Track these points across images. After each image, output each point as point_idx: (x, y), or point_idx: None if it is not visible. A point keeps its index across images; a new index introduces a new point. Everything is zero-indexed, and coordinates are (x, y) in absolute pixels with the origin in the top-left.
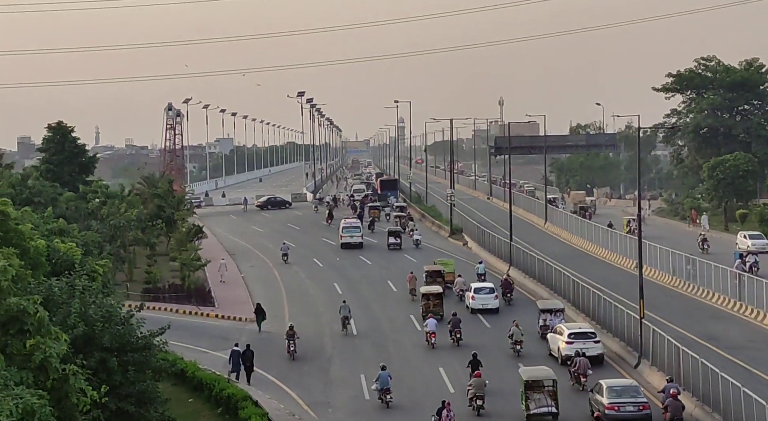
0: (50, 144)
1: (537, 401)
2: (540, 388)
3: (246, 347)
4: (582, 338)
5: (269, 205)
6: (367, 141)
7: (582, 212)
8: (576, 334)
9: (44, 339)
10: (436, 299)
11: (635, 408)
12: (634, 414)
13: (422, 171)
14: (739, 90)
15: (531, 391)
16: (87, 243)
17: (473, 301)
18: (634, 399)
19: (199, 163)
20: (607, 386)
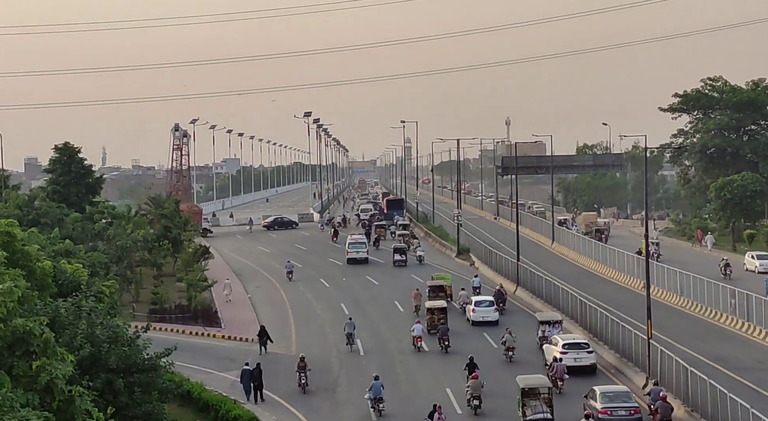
0: (57, 165)
1: (533, 408)
2: (536, 395)
3: (255, 366)
4: (576, 348)
5: (276, 225)
6: (374, 161)
7: (598, 234)
8: (570, 344)
9: (50, 360)
10: (440, 313)
11: (627, 412)
12: (626, 418)
13: (429, 191)
14: (746, 110)
15: (527, 398)
16: (93, 264)
17: (474, 313)
18: (625, 404)
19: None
20: (600, 392)
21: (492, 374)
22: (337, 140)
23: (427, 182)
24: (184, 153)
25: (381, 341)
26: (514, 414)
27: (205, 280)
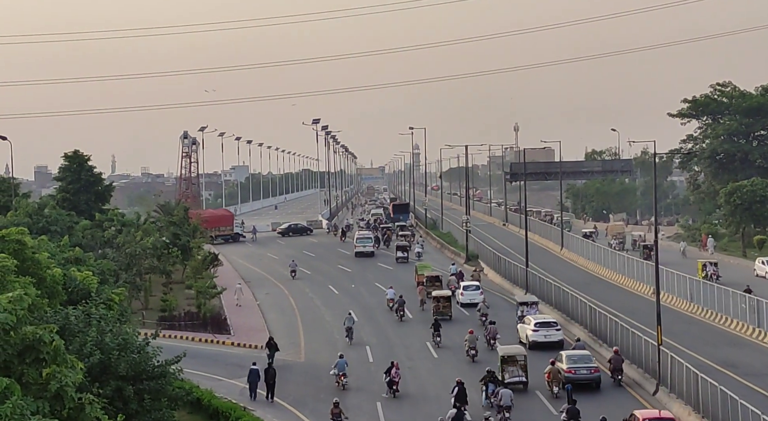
0: (67, 173)
1: (511, 372)
2: (514, 362)
3: (267, 365)
4: (546, 326)
5: (291, 232)
6: (382, 168)
7: (646, 251)
8: (541, 323)
9: (60, 368)
10: (446, 301)
11: (588, 371)
12: (587, 376)
13: (438, 198)
14: (756, 115)
15: (506, 364)
16: (103, 271)
17: (462, 297)
18: (587, 365)
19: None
20: (566, 356)
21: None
22: (346, 147)
23: (436, 189)
24: (193, 160)
25: (389, 347)
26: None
27: (215, 287)
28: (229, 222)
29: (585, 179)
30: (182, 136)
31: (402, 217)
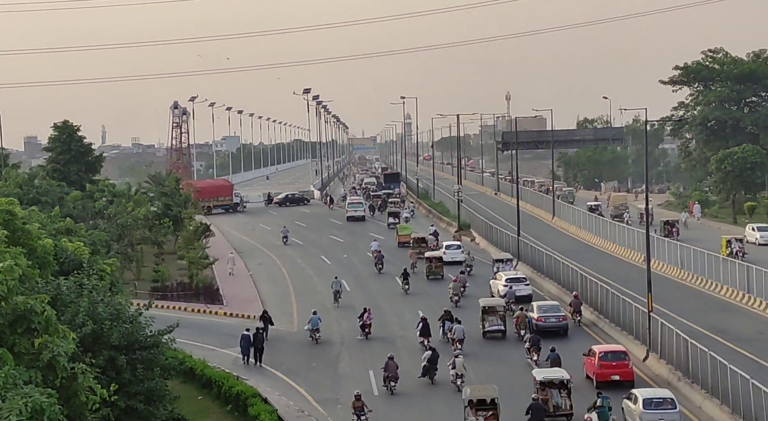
0: (56, 143)
1: (491, 322)
2: (494, 312)
3: (256, 330)
4: (516, 281)
5: (288, 201)
6: (374, 138)
7: (668, 228)
8: (511, 279)
9: (52, 338)
10: (438, 262)
11: (556, 319)
12: (555, 323)
13: (430, 167)
14: (747, 82)
15: (486, 315)
16: (94, 242)
17: (445, 255)
18: (555, 313)
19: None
20: (537, 306)
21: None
22: (337, 117)
23: (429, 158)
24: (184, 131)
25: (381, 316)
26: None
27: (207, 257)
28: (228, 192)
29: (577, 148)
30: (172, 106)
31: (393, 186)
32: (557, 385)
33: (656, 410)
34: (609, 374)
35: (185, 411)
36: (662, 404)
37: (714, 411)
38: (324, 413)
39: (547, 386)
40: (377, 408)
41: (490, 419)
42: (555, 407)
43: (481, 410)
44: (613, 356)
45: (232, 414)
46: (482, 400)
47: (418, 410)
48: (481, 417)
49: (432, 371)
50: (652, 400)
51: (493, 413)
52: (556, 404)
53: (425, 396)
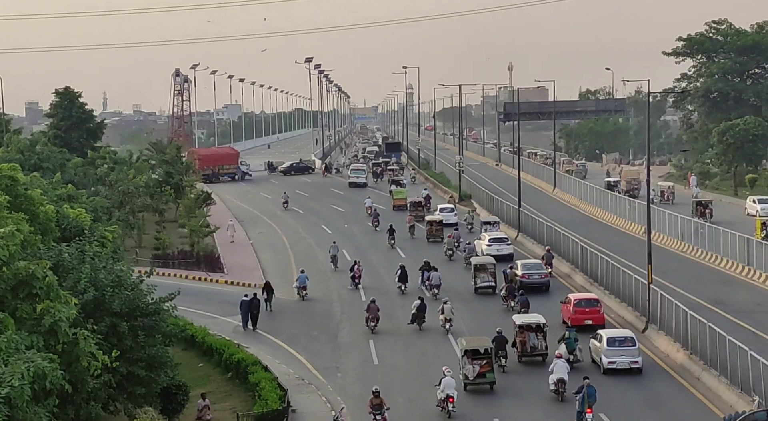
0: (58, 110)
1: (482, 278)
2: (485, 270)
3: (253, 295)
4: (498, 241)
5: (293, 170)
6: (376, 108)
7: (701, 209)
8: (494, 239)
9: (54, 303)
10: (438, 225)
11: (539, 276)
12: (538, 280)
13: (432, 138)
14: (750, 54)
15: (478, 272)
16: (96, 209)
17: (434, 216)
18: (538, 271)
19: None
20: (521, 263)
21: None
22: (339, 86)
23: (431, 129)
24: (185, 98)
25: (383, 285)
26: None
27: (208, 225)
28: (234, 160)
29: (578, 119)
30: (174, 73)
31: (394, 155)
32: (534, 328)
33: (618, 347)
34: (582, 318)
35: (186, 378)
36: (624, 342)
37: (712, 382)
38: (324, 381)
39: (525, 330)
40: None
41: (485, 367)
42: (532, 348)
43: (476, 359)
44: (586, 302)
45: (232, 381)
46: (476, 350)
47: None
48: (477, 365)
49: (420, 319)
50: (615, 338)
51: (487, 361)
52: (533, 345)
53: (418, 338)
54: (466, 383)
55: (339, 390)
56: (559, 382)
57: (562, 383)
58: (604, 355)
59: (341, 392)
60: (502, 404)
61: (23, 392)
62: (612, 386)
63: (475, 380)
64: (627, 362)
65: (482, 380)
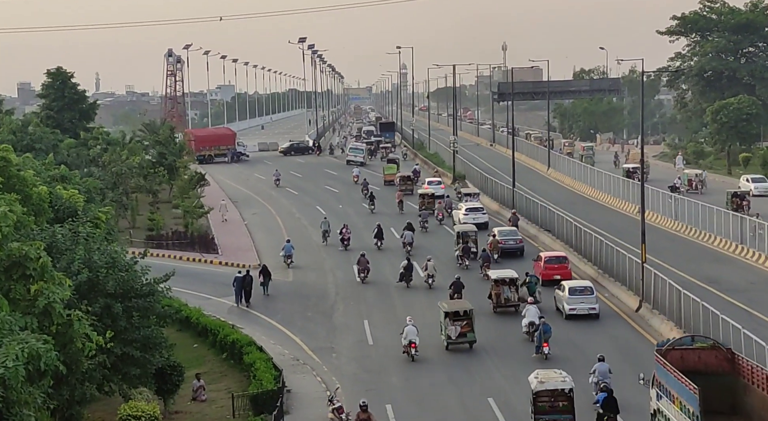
0: (50, 90)
1: (465, 244)
2: (468, 238)
3: (246, 272)
4: (474, 211)
5: (293, 150)
6: (369, 88)
7: (737, 201)
8: (470, 209)
9: (48, 285)
10: (430, 198)
11: (514, 242)
12: (513, 245)
13: (425, 118)
14: (744, 32)
15: (461, 239)
16: (89, 190)
17: (425, 189)
18: (513, 237)
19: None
20: (497, 230)
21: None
22: (332, 67)
23: (425, 109)
24: (178, 79)
25: (375, 267)
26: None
27: (202, 206)
28: (230, 141)
29: (573, 99)
30: (167, 54)
31: (388, 134)
32: (507, 282)
33: (578, 296)
34: (552, 274)
35: (181, 359)
36: (583, 292)
37: None
38: (319, 361)
39: (500, 283)
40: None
41: (465, 328)
42: (506, 300)
43: (457, 320)
44: (555, 260)
45: (227, 362)
46: (457, 312)
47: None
48: (458, 326)
49: (408, 277)
50: (575, 288)
51: (468, 322)
52: (507, 297)
53: (405, 294)
54: (449, 342)
55: (334, 370)
56: (530, 325)
57: (532, 326)
58: (566, 302)
59: (336, 372)
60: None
61: (17, 373)
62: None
63: (457, 339)
64: (586, 308)
65: (463, 339)
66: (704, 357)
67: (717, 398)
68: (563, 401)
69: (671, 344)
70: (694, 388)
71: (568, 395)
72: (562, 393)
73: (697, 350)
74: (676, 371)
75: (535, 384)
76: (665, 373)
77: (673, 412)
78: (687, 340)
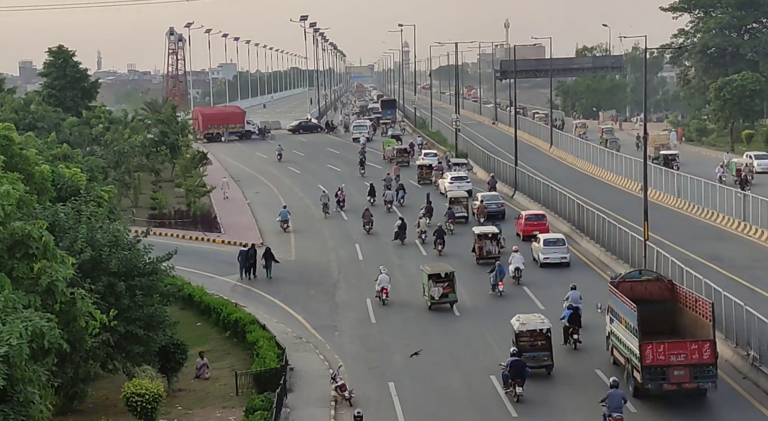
0: (52, 69)
1: (456, 210)
2: (459, 202)
3: (251, 246)
4: (458, 180)
5: (301, 129)
6: (372, 66)
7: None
8: (455, 178)
9: (51, 263)
10: (428, 169)
11: (496, 206)
12: (495, 209)
13: (428, 96)
14: (748, 8)
15: (453, 204)
16: (91, 169)
17: (422, 160)
18: (495, 201)
19: (202, 88)
20: (481, 195)
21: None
22: (334, 45)
23: (427, 88)
24: (180, 58)
25: (379, 245)
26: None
27: (204, 185)
28: (240, 119)
29: (575, 76)
30: (168, 32)
31: (389, 112)
32: (489, 237)
33: (551, 247)
34: (531, 230)
35: (184, 337)
36: (556, 243)
37: None
38: (321, 339)
39: (483, 238)
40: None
41: (447, 289)
42: (488, 252)
43: (439, 282)
44: (535, 217)
45: (230, 340)
46: (438, 274)
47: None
48: (440, 287)
49: (402, 235)
50: (549, 240)
51: (449, 283)
52: (488, 250)
53: (399, 248)
54: (432, 303)
55: (337, 349)
56: (516, 270)
57: (518, 271)
58: (541, 252)
59: (339, 350)
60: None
61: (21, 351)
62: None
63: (439, 300)
64: (558, 257)
65: (445, 299)
66: (650, 288)
67: (660, 321)
68: (542, 340)
69: (622, 277)
70: (633, 307)
71: (545, 334)
72: (540, 333)
73: (644, 281)
74: (623, 297)
75: (517, 326)
76: (616, 300)
77: (621, 330)
78: (635, 273)
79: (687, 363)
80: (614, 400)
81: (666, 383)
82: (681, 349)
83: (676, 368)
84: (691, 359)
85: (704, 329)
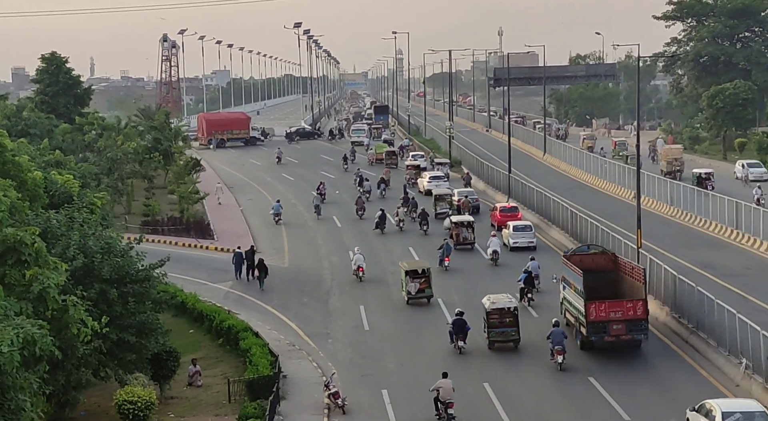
0: (44, 75)
1: (441, 206)
2: (443, 199)
3: (250, 247)
4: (436, 179)
5: (298, 135)
6: (365, 73)
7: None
8: (433, 177)
9: (43, 270)
10: (416, 169)
11: (472, 200)
12: (473, 203)
13: (422, 104)
14: (740, 17)
15: (438, 201)
16: (84, 175)
17: (411, 162)
18: (472, 197)
19: (196, 95)
20: (458, 191)
21: None
22: (328, 52)
23: (422, 95)
24: (173, 64)
25: (373, 253)
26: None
27: (197, 192)
28: (244, 125)
29: (569, 84)
30: (162, 39)
31: (382, 117)
32: (465, 225)
33: (520, 232)
34: (505, 220)
35: (177, 344)
36: (524, 229)
37: (700, 345)
38: (315, 347)
39: (459, 225)
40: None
41: (423, 284)
42: (464, 239)
43: (416, 278)
44: (508, 209)
45: (223, 348)
46: (415, 270)
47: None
48: (417, 283)
49: (382, 225)
50: (517, 226)
51: (426, 279)
52: (464, 237)
53: (381, 237)
54: (409, 297)
55: (330, 356)
56: (493, 253)
57: (495, 254)
58: (511, 238)
59: (332, 357)
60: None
61: (12, 358)
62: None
63: (416, 294)
64: (526, 241)
65: (422, 294)
66: (597, 260)
67: (605, 287)
68: (509, 318)
69: (573, 251)
70: (580, 273)
71: (513, 312)
72: (508, 311)
73: (591, 254)
74: (573, 266)
75: (487, 305)
76: (568, 270)
77: (571, 295)
78: (584, 248)
79: (623, 319)
80: (557, 336)
81: (607, 336)
82: (619, 307)
83: (614, 323)
84: (627, 315)
85: (639, 291)
